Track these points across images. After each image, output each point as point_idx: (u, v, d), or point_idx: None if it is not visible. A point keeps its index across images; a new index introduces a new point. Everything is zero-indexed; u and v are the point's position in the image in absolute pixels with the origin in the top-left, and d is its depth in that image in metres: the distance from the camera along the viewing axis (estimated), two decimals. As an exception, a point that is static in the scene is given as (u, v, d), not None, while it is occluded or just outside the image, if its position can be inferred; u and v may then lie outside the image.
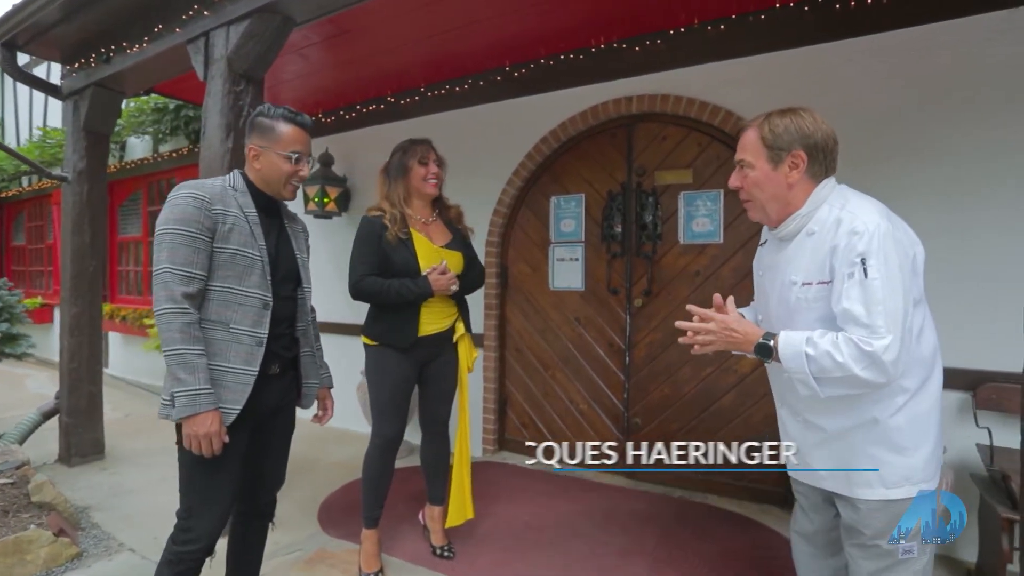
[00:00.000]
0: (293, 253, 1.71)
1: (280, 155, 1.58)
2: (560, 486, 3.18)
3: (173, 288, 1.41)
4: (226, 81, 2.58)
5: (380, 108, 4.11)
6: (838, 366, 1.21)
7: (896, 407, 1.32)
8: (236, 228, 1.51)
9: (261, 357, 1.54)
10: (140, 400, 5.30)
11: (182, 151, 5.34)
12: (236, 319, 1.51)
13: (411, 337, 2.21)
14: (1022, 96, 2.32)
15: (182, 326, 1.41)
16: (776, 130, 1.35)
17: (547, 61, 3.39)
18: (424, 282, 2.16)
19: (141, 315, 5.68)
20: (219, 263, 1.49)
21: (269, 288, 1.57)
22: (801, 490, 1.62)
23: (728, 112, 2.92)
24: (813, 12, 2.67)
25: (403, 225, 2.22)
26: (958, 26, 2.44)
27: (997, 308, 2.31)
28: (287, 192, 1.64)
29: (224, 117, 2.57)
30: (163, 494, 3.07)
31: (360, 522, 2.30)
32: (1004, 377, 2.31)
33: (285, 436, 1.78)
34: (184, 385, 1.40)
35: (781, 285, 1.40)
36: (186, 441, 1.45)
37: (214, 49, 2.63)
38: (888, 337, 1.19)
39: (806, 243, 1.35)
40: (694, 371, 3.11)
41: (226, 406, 1.49)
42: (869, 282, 1.20)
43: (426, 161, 2.26)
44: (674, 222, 3.16)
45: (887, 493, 1.32)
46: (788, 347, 1.28)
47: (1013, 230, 2.32)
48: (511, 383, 3.76)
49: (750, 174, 1.40)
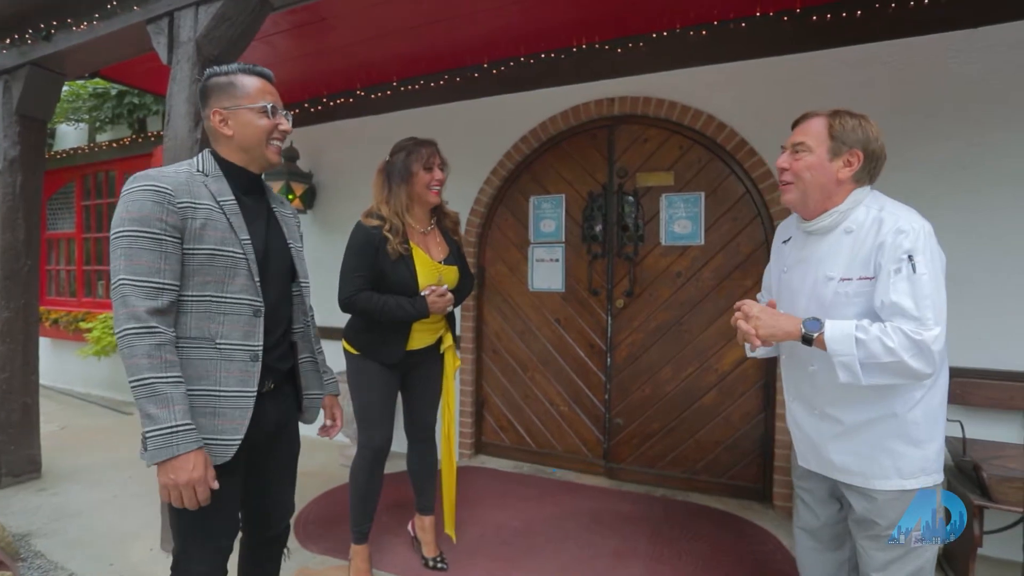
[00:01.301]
0: (285, 243, 1.46)
1: (252, 109, 1.32)
2: (543, 489, 3.15)
3: (135, 303, 1.15)
4: (194, 66, 2.39)
5: (349, 102, 3.95)
6: (889, 351, 1.23)
7: (914, 401, 1.36)
8: (210, 223, 1.25)
9: (259, 374, 1.31)
10: (76, 411, 4.87)
11: (124, 141, 4.95)
12: (223, 332, 1.27)
13: (399, 354, 2.09)
14: (978, 112, 2.48)
15: (149, 349, 1.14)
16: (845, 126, 1.38)
17: (527, 59, 3.35)
18: (422, 303, 2.02)
19: (76, 319, 5.22)
20: (194, 267, 1.24)
21: (258, 291, 1.32)
22: (805, 486, 1.65)
23: (709, 116, 2.97)
24: (791, 22, 2.76)
25: (404, 238, 2.05)
26: (922, 43, 2.58)
27: (961, 307, 2.46)
28: (271, 154, 1.37)
29: (192, 105, 2.38)
30: (114, 514, 2.82)
31: (342, 535, 2.18)
32: (967, 373, 2.46)
33: (290, 459, 1.56)
34: (156, 422, 1.13)
35: (815, 281, 1.42)
36: (162, 493, 1.18)
37: (180, 31, 2.43)
38: (937, 328, 1.23)
39: (844, 240, 1.39)
40: (675, 371, 3.15)
41: (223, 437, 1.26)
42: (918, 277, 1.25)
43: (431, 166, 2.07)
44: (655, 223, 3.19)
45: (903, 484, 1.37)
46: (836, 330, 1.29)
47: (971, 234, 2.48)
48: (488, 386, 3.70)
49: (805, 158, 1.41)
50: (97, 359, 4.90)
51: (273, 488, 1.51)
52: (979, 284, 2.47)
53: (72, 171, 5.65)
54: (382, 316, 2.01)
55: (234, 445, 1.27)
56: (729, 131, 2.94)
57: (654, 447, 3.21)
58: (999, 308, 2.44)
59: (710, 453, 3.09)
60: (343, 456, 3.58)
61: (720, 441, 3.06)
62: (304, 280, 1.52)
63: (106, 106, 4.84)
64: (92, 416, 4.75)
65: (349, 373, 2.18)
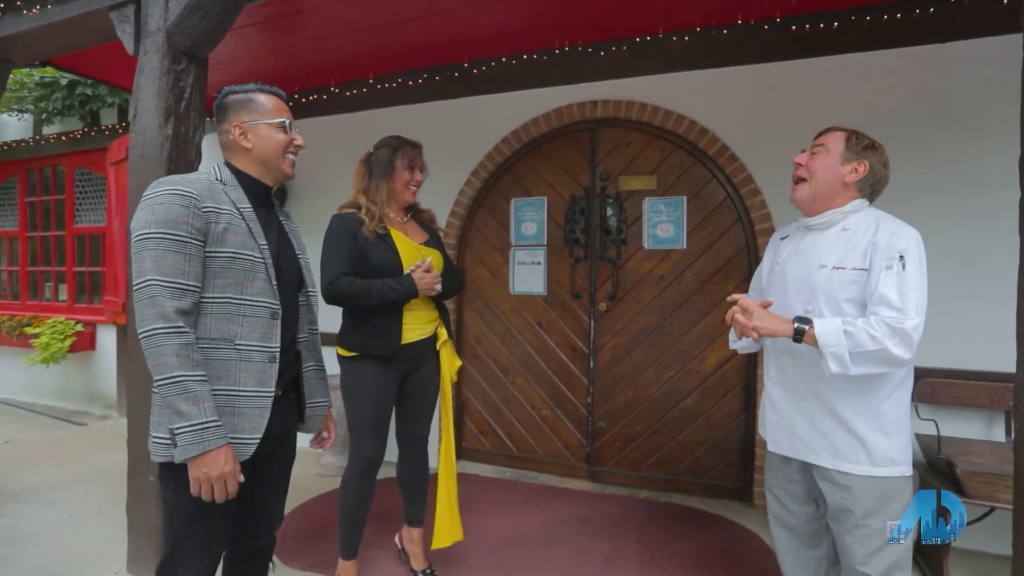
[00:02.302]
0: (294, 253, 1.53)
1: (271, 125, 1.41)
2: (527, 495, 3.12)
3: (163, 303, 1.19)
4: (164, 57, 2.24)
5: (323, 99, 3.82)
6: (874, 340, 1.36)
7: (886, 394, 1.49)
8: (232, 227, 1.31)
9: (276, 375, 1.35)
10: (22, 423, 4.55)
11: (75, 134, 4.64)
12: (242, 333, 1.32)
13: (395, 344, 2.03)
14: (948, 122, 2.59)
15: (178, 348, 1.19)
16: (861, 142, 1.56)
17: (510, 60, 3.31)
18: (408, 281, 1.99)
19: (20, 323, 4.88)
20: (215, 270, 1.29)
21: (276, 294, 1.37)
22: (783, 486, 1.70)
23: (691, 121, 3.01)
24: (771, 31, 2.82)
25: (380, 221, 2.06)
26: (894, 56, 2.67)
27: (931, 309, 2.56)
28: (287, 166, 1.46)
29: (162, 100, 2.23)
30: (72, 536, 2.63)
31: (326, 550, 2.10)
32: (936, 373, 2.57)
33: (287, 468, 1.57)
34: (187, 419, 1.19)
35: (808, 269, 1.55)
36: (194, 486, 1.22)
37: (148, 20, 2.28)
38: (917, 319, 1.37)
39: (841, 236, 1.53)
40: (657, 374, 3.18)
41: (243, 436, 1.30)
42: (906, 274, 1.39)
43: (414, 167, 2.12)
44: (638, 227, 3.21)
45: (873, 471, 1.47)
46: (827, 325, 1.41)
47: (939, 239, 2.56)
48: (468, 390, 3.65)
49: (822, 157, 1.56)
50: (45, 366, 4.59)
51: (267, 496, 1.52)
52: (947, 288, 2.56)
53: (15, 165, 5.27)
54: (368, 299, 1.96)
55: (253, 443, 1.31)
56: (711, 136, 2.98)
57: (637, 449, 3.23)
58: (964, 311, 2.55)
59: (692, 454, 3.13)
60: (320, 465, 3.46)
61: (702, 442, 3.10)
62: (312, 289, 1.57)
63: (55, 96, 4.54)
64: (41, 428, 4.44)
65: (343, 380, 2.09)
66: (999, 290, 2.37)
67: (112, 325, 4.74)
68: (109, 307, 4.61)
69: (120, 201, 4.19)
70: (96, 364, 4.97)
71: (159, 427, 1.26)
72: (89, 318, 4.90)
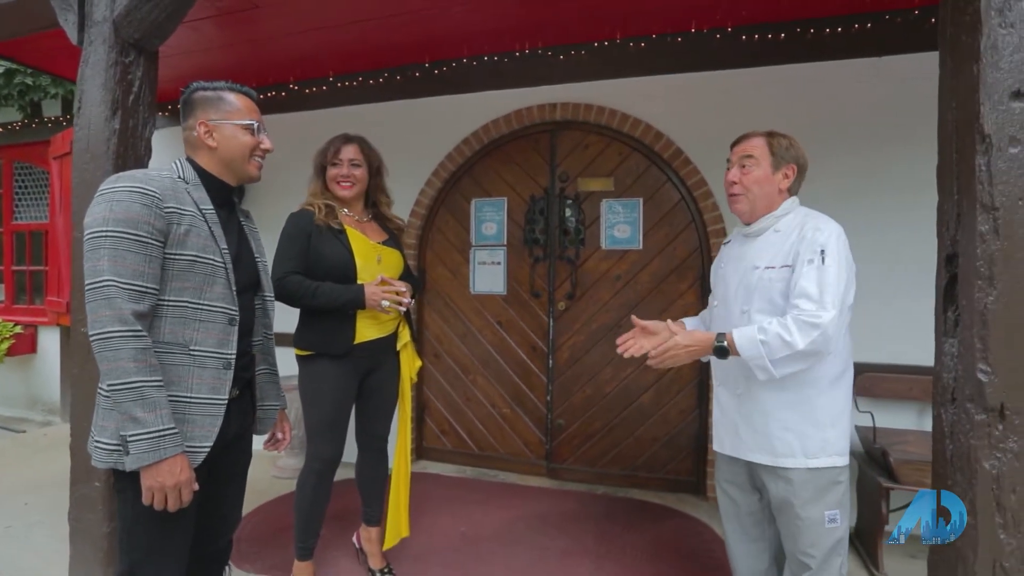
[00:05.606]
0: (253, 256, 1.50)
1: (238, 125, 1.37)
2: (487, 493, 3.15)
3: (121, 306, 1.15)
4: (111, 49, 2.16)
5: (281, 96, 3.75)
6: (787, 344, 1.43)
7: (820, 389, 1.56)
8: (194, 230, 1.27)
9: (230, 382, 1.32)
10: (-47, 431, 4.29)
11: (14, 125, 4.42)
12: (197, 339, 1.28)
13: (348, 342, 2.02)
14: (880, 130, 2.75)
15: (136, 353, 1.15)
16: (782, 144, 1.64)
17: (471, 61, 3.34)
18: (359, 290, 1.97)
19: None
20: (173, 272, 1.25)
21: (235, 299, 1.34)
22: (731, 479, 1.78)
23: (647, 125, 3.10)
24: (722, 40, 2.93)
25: (333, 215, 2.06)
26: (835, 67, 2.81)
27: (865, 306, 2.70)
28: (252, 169, 1.42)
29: (109, 92, 2.15)
30: (11, 548, 2.52)
31: (281, 552, 2.08)
32: (872, 368, 2.72)
33: (243, 469, 1.55)
34: (143, 426, 1.15)
35: (744, 271, 1.65)
36: (147, 495, 1.18)
37: (94, 9, 2.19)
38: (833, 312, 1.43)
39: (772, 238, 1.62)
40: (615, 371, 3.25)
41: (194, 444, 1.26)
42: (825, 268, 1.46)
43: (336, 162, 2.10)
44: (596, 228, 3.27)
45: (808, 462, 1.54)
46: (744, 339, 1.49)
47: (872, 239, 2.70)
48: (429, 390, 3.64)
49: (754, 171, 1.63)
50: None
51: (223, 499, 1.49)
52: (879, 285, 2.71)
53: (-54, 158, 4.97)
54: (314, 300, 1.96)
55: (203, 452, 1.28)
56: (666, 140, 3.07)
57: (595, 446, 3.30)
58: (895, 307, 2.70)
59: (648, 450, 3.21)
60: (275, 467, 3.40)
61: (658, 438, 3.19)
62: (268, 293, 1.55)
63: (-9, 86, 4.30)
64: (-27, 436, 4.21)
65: (301, 380, 2.07)
66: (929, 290, 2.52)
67: (55, 327, 4.52)
68: (52, 308, 4.40)
69: (64, 197, 4.01)
70: (37, 368, 4.73)
71: (104, 431, 1.22)
72: (30, 319, 4.66)
